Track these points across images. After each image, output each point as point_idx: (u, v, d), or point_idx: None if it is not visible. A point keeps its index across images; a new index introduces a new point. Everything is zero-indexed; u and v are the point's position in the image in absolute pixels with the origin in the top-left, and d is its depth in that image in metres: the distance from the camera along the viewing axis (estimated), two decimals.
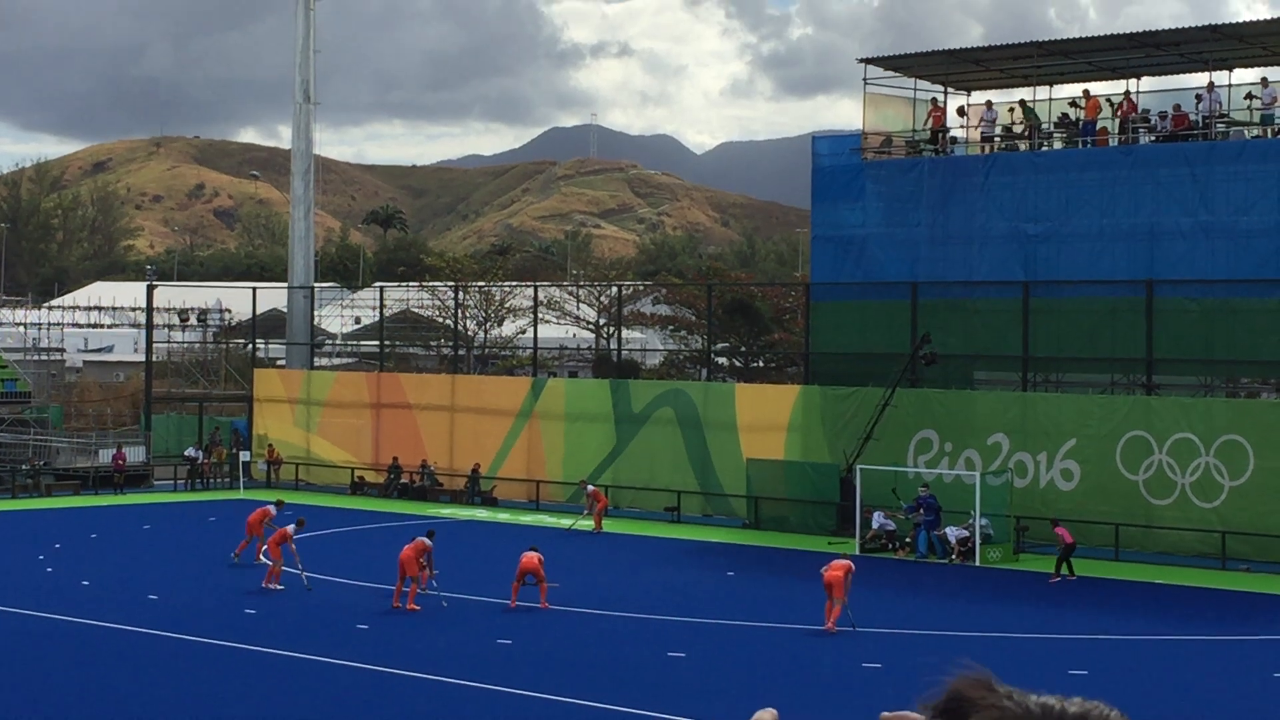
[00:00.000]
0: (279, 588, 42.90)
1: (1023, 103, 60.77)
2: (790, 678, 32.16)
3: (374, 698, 30.62)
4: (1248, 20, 56.19)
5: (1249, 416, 51.94)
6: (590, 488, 60.26)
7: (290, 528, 44.24)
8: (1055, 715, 2.08)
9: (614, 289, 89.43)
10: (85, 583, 44.00)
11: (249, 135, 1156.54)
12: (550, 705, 29.63)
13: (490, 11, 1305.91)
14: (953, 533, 51.03)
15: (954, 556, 50.65)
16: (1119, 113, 57.94)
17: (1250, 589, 45.32)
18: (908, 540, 51.72)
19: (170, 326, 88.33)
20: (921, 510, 51.57)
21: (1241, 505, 50.49)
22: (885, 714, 2.29)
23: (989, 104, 62.24)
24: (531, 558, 39.92)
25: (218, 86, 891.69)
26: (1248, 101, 55.77)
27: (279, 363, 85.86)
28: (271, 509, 48.98)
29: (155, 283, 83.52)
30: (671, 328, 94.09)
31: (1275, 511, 49.86)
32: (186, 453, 74.06)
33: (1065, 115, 59.75)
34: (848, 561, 38.51)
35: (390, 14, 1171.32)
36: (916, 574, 47.91)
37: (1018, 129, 60.32)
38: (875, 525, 52.57)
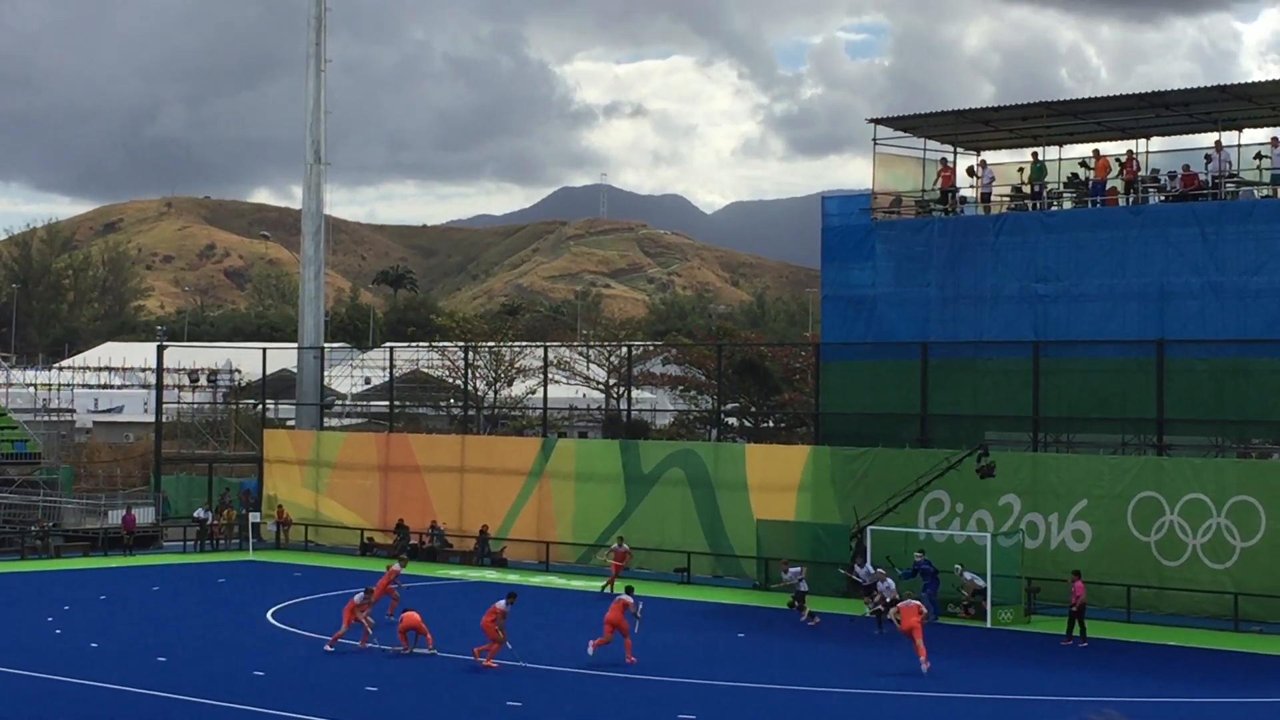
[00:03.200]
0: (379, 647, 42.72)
1: (1034, 155, 60.77)
2: None
3: None
4: (1257, 80, 56.24)
5: (1260, 477, 51.76)
6: (616, 547, 58.92)
7: (359, 597, 44.32)
8: None
9: (624, 349, 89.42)
10: (94, 644, 43.87)
11: (261, 195, 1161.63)
12: None
13: (503, 73, 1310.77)
14: (971, 576, 50.55)
15: (967, 607, 50.31)
16: (1123, 173, 58.00)
17: (1263, 650, 45.04)
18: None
19: (180, 387, 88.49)
20: (920, 576, 50.73)
21: (1254, 566, 50.28)
22: None
23: (984, 163, 62.33)
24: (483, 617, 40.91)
25: (230, 147, 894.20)
26: (1257, 161, 55.79)
27: (289, 423, 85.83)
28: (397, 567, 49.83)
29: (165, 343, 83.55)
30: (681, 388, 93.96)
31: None
32: (196, 514, 73.98)
33: (1075, 175, 59.80)
34: (917, 603, 40.39)
35: (403, 75, 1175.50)
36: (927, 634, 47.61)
37: (1026, 189, 60.35)
38: (867, 580, 51.17)
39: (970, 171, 62.42)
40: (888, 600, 46.67)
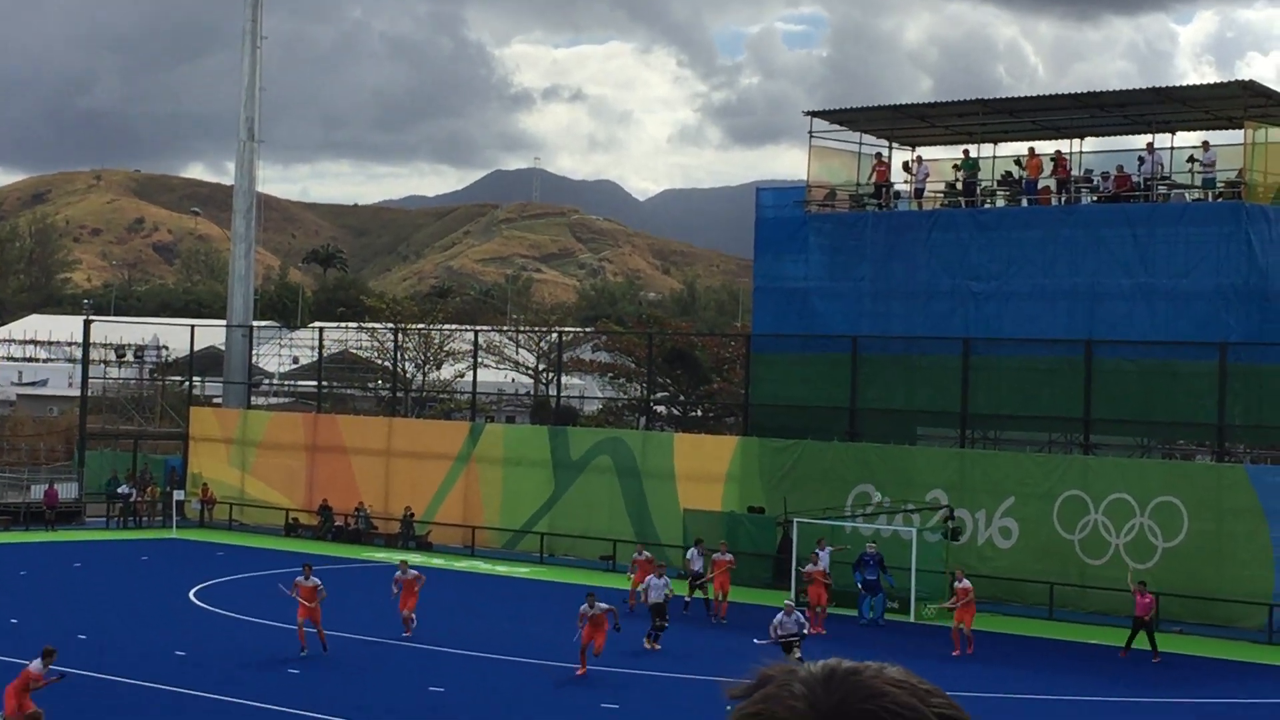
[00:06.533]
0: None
1: (965, 153, 60.99)
2: None
3: None
4: (1191, 84, 56.63)
5: (1184, 479, 52.11)
6: (638, 557, 52.17)
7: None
8: (831, 667, 2.16)
9: (554, 335, 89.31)
10: (14, 621, 43.51)
11: (195, 171, 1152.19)
12: None
13: (441, 54, 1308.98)
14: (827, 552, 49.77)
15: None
16: (1056, 172, 58.30)
17: (1182, 650, 45.33)
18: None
19: (106, 362, 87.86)
20: (866, 568, 49.91)
21: (1175, 567, 50.60)
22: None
23: (919, 159, 62.56)
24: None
25: (163, 120, 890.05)
26: (1189, 164, 56.19)
27: (215, 401, 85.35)
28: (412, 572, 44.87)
29: (92, 317, 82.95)
30: (611, 375, 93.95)
31: (1208, 574, 50.00)
32: (119, 490, 73.40)
33: (1009, 174, 60.06)
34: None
35: (340, 53, 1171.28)
36: (855, 634, 47.71)
37: (960, 185, 60.57)
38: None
39: (905, 167, 62.61)
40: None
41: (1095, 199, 57.60)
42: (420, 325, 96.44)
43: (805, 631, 37.32)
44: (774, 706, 2.15)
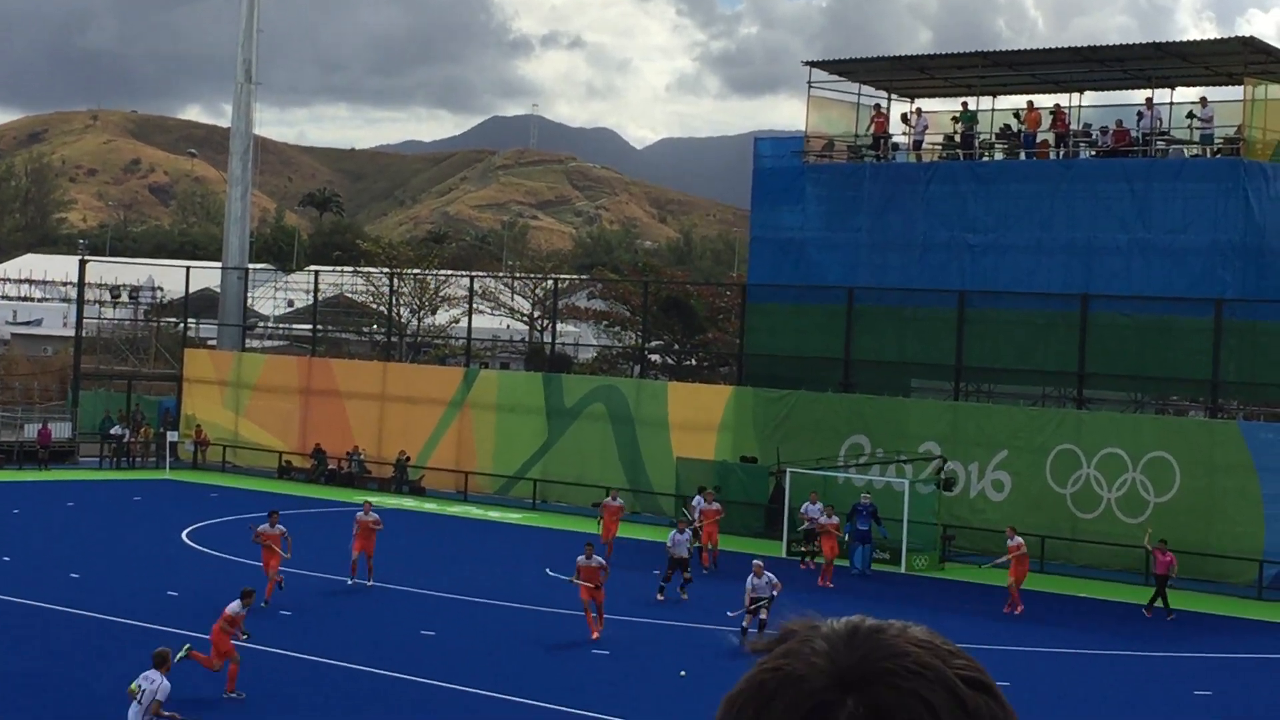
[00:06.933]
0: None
1: (964, 106, 60.91)
2: (713, 681, 32.08)
3: (291, 683, 30.44)
4: (1192, 39, 56.51)
5: (1177, 434, 52.19)
6: (611, 501, 51.40)
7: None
8: (855, 624, 2.16)
9: (549, 282, 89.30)
10: (6, 558, 43.60)
11: (192, 112, 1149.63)
12: (464, 697, 29.51)
13: None
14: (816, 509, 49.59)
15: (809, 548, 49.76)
16: (1055, 126, 58.22)
17: (1172, 605, 45.44)
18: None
19: (101, 302, 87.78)
20: (859, 518, 49.75)
21: (1166, 522, 50.66)
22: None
23: (918, 110, 62.47)
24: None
25: (161, 61, 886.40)
26: (1188, 120, 56.09)
27: (210, 343, 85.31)
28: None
29: (87, 257, 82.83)
30: (606, 323, 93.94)
31: (1199, 529, 50.11)
32: (112, 430, 73.44)
33: (1007, 127, 59.98)
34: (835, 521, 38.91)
35: None
36: (848, 584, 47.81)
37: (958, 138, 60.49)
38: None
39: (904, 119, 62.50)
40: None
41: (1093, 153, 57.55)
42: (416, 270, 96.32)
43: (774, 594, 37.10)
44: (794, 662, 2.16)
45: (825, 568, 47.18)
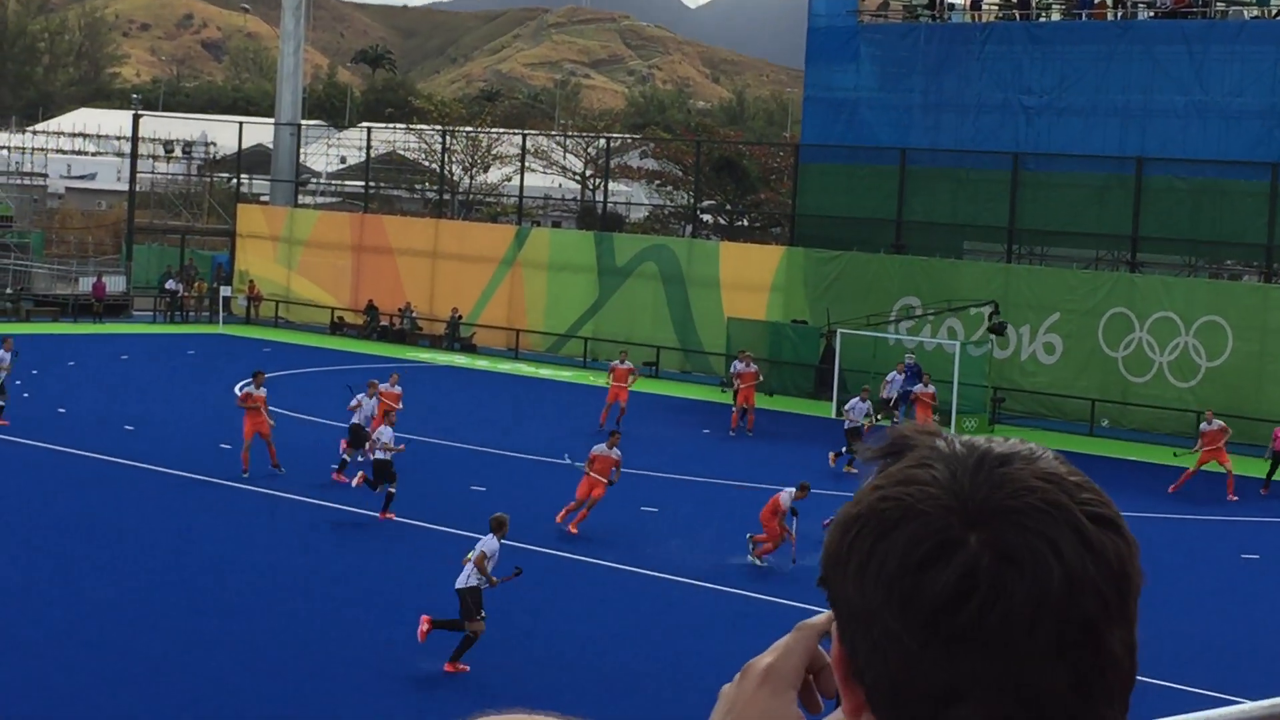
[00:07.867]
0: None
1: None
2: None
3: (347, 539, 30.79)
4: None
5: (1230, 299, 51.96)
6: (620, 364, 49.05)
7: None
8: (981, 452, 2.04)
9: (602, 140, 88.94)
10: (61, 410, 44.00)
11: None
12: (514, 553, 29.78)
13: None
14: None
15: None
16: None
17: (1219, 470, 45.41)
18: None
19: (155, 157, 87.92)
20: (903, 378, 49.47)
21: (1217, 387, 50.56)
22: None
23: None
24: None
25: None
26: None
27: (263, 199, 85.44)
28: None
29: (141, 112, 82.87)
30: (658, 182, 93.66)
31: (1250, 394, 49.99)
32: (166, 285, 73.82)
33: None
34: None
35: None
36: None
37: None
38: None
39: None
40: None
41: (1152, 15, 56.88)
42: (468, 128, 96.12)
43: (865, 421, 39.09)
44: (915, 495, 1.98)
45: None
